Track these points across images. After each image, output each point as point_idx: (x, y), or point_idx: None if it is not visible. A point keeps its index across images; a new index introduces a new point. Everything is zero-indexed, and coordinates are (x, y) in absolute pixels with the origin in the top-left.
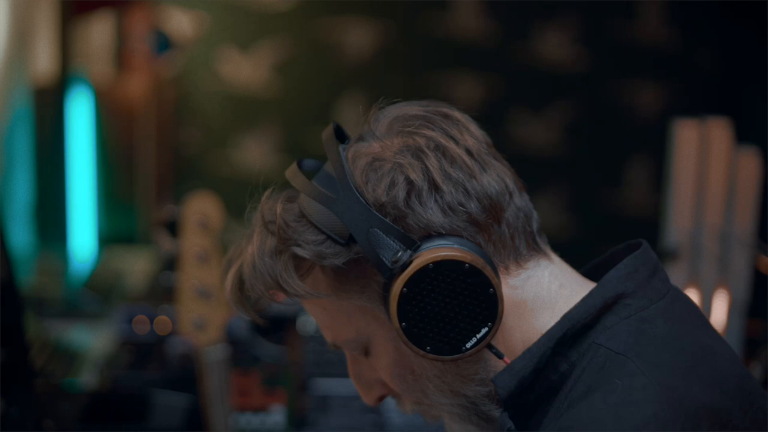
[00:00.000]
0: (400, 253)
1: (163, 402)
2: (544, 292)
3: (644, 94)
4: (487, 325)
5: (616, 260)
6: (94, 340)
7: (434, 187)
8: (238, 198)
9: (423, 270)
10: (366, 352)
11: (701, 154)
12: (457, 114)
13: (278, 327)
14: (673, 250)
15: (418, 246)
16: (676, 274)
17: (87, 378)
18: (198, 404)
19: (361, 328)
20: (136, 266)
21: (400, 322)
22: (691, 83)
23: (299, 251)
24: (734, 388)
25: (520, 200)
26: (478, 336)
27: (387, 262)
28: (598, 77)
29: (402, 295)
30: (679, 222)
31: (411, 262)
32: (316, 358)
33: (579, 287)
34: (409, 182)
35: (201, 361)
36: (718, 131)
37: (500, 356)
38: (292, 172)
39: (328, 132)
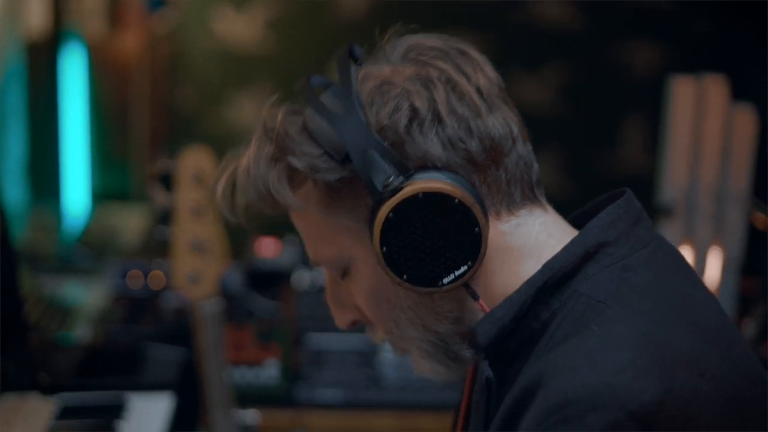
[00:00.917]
0: (392, 178)
1: (158, 356)
2: (531, 241)
3: (641, 53)
4: (467, 264)
5: (600, 209)
6: (88, 295)
7: (438, 119)
8: None
9: (412, 198)
10: (345, 273)
11: (697, 111)
12: (474, 53)
13: (273, 282)
14: (668, 207)
15: (412, 174)
16: (670, 232)
17: (81, 332)
18: (192, 358)
19: (344, 248)
20: (130, 222)
21: (382, 247)
22: (688, 41)
23: (294, 162)
24: (713, 337)
25: (523, 149)
26: (457, 273)
27: (378, 185)
28: (594, 36)
29: (387, 219)
30: (674, 179)
31: (402, 188)
32: (311, 313)
33: (566, 237)
34: (414, 110)
35: (195, 315)
36: (715, 88)
37: (475, 298)
38: (300, 86)
39: (342, 51)
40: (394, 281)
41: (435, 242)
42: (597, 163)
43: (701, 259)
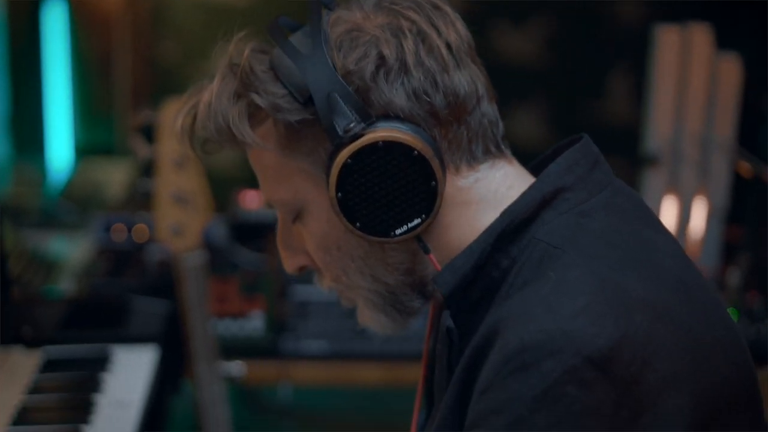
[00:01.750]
0: (353, 124)
1: (142, 308)
2: (491, 195)
3: (626, 4)
4: (420, 217)
5: (559, 155)
6: (71, 249)
7: (404, 69)
8: None
9: (372, 146)
10: (298, 217)
11: (682, 60)
12: (447, 8)
13: (257, 234)
14: (653, 156)
15: (374, 122)
16: (655, 181)
17: (65, 286)
18: (177, 310)
19: (299, 191)
20: (114, 177)
21: (337, 192)
22: None
23: (257, 99)
24: (673, 282)
25: (488, 107)
26: (410, 225)
27: (339, 129)
28: None
29: (345, 165)
30: (659, 128)
31: (362, 135)
32: None
33: (526, 186)
34: (381, 57)
35: (179, 268)
36: (700, 37)
37: (426, 251)
38: (269, 26)
39: None
40: (346, 228)
41: (390, 192)
42: (583, 115)
43: (686, 209)
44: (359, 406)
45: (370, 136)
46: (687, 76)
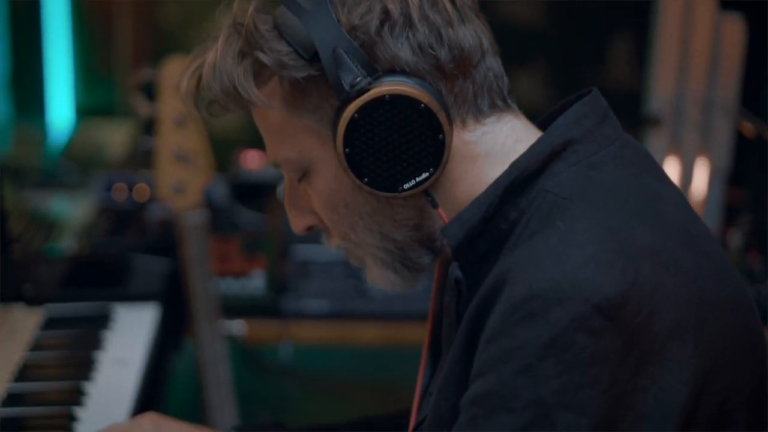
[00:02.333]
0: (359, 79)
1: (143, 267)
2: (498, 148)
3: None
4: (428, 171)
5: (567, 109)
6: (72, 209)
7: (409, 23)
8: None
9: (379, 100)
10: (304, 176)
11: (685, 20)
12: None
13: (258, 194)
14: (655, 117)
15: (380, 76)
16: (657, 142)
17: (66, 245)
18: (178, 269)
19: (305, 149)
20: (115, 137)
21: (345, 148)
22: None
23: (262, 57)
24: (680, 233)
25: (493, 61)
26: (418, 179)
27: (345, 85)
28: None
29: (352, 120)
30: (662, 89)
31: (369, 89)
32: None
33: (534, 140)
34: (386, 12)
35: (180, 226)
36: None
37: (435, 206)
38: None
39: None
40: (354, 184)
41: (398, 146)
42: (584, 78)
43: (688, 170)
44: (360, 366)
45: (376, 90)
46: (690, 36)
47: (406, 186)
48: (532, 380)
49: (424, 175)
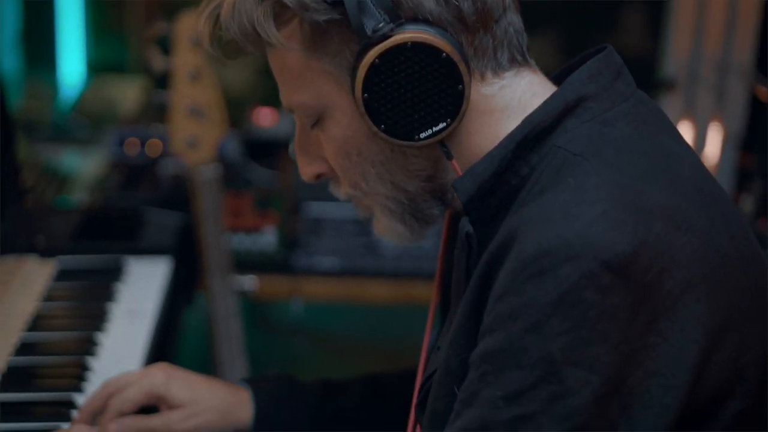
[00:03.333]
0: (382, 24)
1: (156, 220)
2: (515, 103)
3: None
4: (446, 121)
5: (582, 65)
6: (84, 163)
7: None
8: None
9: (400, 46)
10: (318, 122)
11: None
12: None
13: (270, 151)
14: (669, 80)
15: (402, 24)
16: (671, 106)
17: (78, 198)
18: (190, 223)
19: (322, 94)
20: (127, 93)
21: (363, 93)
22: None
23: None
24: (693, 191)
25: (513, 17)
26: (435, 129)
27: (368, 30)
28: None
29: (373, 65)
30: (677, 52)
31: (391, 36)
32: (309, 183)
33: (549, 95)
34: None
35: (193, 180)
36: None
37: (449, 157)
38: None
39: None
40: (369, 131)
41: (417, 94)
42: (597, 44)
43: (701, 134)
44: (369, 323)
45: (398, 37)
46: None
47: (422, 135)
48: (541, 337)
49: (441, 125)
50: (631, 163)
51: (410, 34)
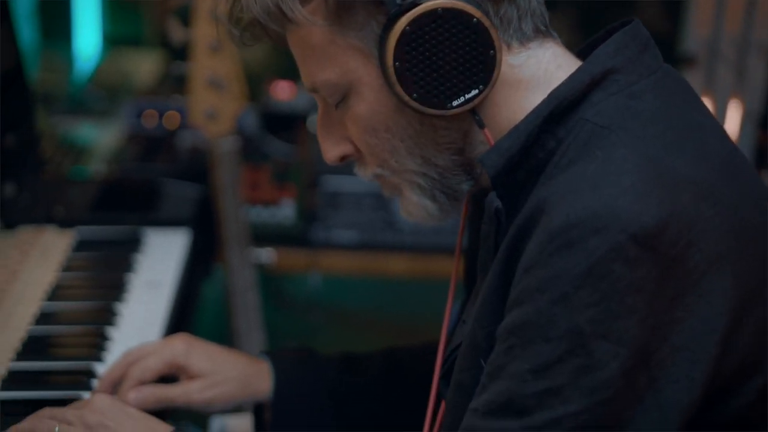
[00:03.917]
0: None
1: (174, 192)
2: (540, 73)
3: None
4: (478, 88)
5: (608, 38)
6: (101, 135)
7: None
8: None
9: (431, 12)
10: (343, 100)
11: None
12: None
13: (288, 125)
14: (689, 56)
15: None
16: (691, 82)
17: (95, 169)
18: (209, 195)
19: (348, 70)
20: (143, 66)
21: (394, 61)
22: None
23: None
24: (720, 164)
25: None
26: (467, 96)
27: None
28: None
29: (404, 33)
30: (697, 28)
31: (420, 2)
32: None
33: (575, 68)
34: None
35: (212, 152)
36: None
37: (481, 125)
38: None
39: None
40: (398, 104)
41: (449, 61)
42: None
43: (721, 111)
44: (387, 297)
45: (429, 3)
46: None
47: (455, 103)
48: (569, 310)
49: (474, 92)
50: (658, 136)
51: (440, 0)
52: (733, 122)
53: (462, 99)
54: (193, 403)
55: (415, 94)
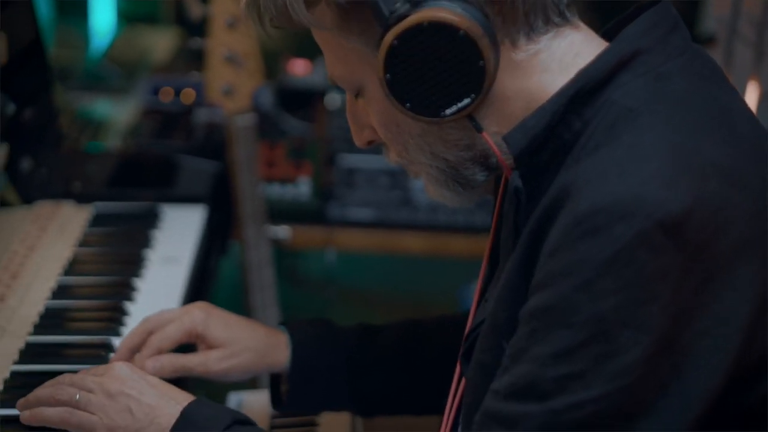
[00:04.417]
0: (399, 4)
1: (191, 167)
2: (555, 64)
3: None
4: (470, 96)
5: (636, 18)
6: (117, 111)
7: None
8: None
9: (417, 26)
10: (358, 93)
11: None
12: None
13: (304, 102)
14: (709, 36)
15: (420, 2)
16: None
17: (111, 144)
18: (225, 171)
19: (356, 70)
20: (159, 43)
21: (385, 74)
22: None
23: None
24: (749, 147)
25: None
26: (459, 105)
27: (385, 11)
28: None
29: (391, 46)
30: (717, 7)
31: (408, 16)
32: (343, 135)
33: (595, 52)
34: None
35: (229, 129)
36: None
37: (479, 130)
38: None
39: None
40: (397, 109)
41: (438, 73)
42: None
43: (740, 92)
44: (402, 275)
45: (415, 17)
46: None
47: (447, 111)
48: (592, 296)
49: (466, 101)
50: (687, 119)
51: (427, 12)
52: (751, 103)
53: (455, 108)
54: (210, 373)
55: (408, 104)
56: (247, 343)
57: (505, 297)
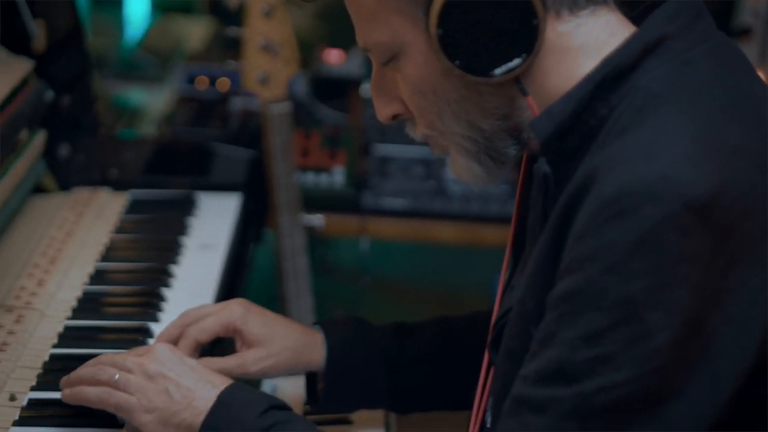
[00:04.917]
0: None
1: (226, 155)
2: (591, 41)
3: None
4: (521, 56)
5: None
6: (152, 99)
7: None
8: None
9: None
10: (393, 60)
11: None
12: None
13: (339, 92)
14: (745, 28)
15: None
16: (746, 53)
17: (146, 131)
18: (260, 160)
19: (397, 32)
20: (193, 32)
21: (438, 29)
22: None
23: None
24: None
25: None
26: (510, 65)
27: None
28: None
29: (447, 1)
30: (752, 0)
31: None
32: (378, 124)
33: (628, 35)
34: None
35: (265, 117)
36: None
37: (525, 93)
38: None
39: None
40: (444, 68)
41: (492, 30)
42: None
43: None
44: (435, 265)
45: None
46: None
47: (497, 71)
48: (621, 279)
49: (516, 61)
50: (713, 104)
51: None
52: None
53: (505, 68)
54: (248, 374)
55: (458, 61)
56: (284, 341)
57: (532, 283)
